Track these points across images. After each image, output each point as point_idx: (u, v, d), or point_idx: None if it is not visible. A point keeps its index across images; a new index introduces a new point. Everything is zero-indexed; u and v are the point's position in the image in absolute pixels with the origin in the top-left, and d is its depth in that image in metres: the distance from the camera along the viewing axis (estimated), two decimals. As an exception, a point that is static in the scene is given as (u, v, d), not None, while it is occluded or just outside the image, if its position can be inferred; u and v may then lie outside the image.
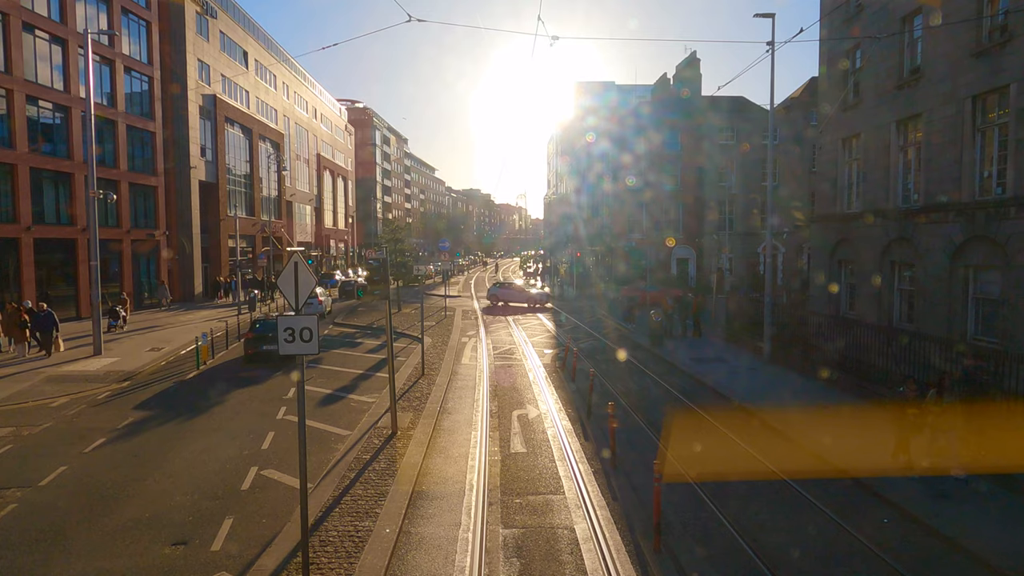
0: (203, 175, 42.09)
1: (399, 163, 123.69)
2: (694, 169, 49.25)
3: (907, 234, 17.55)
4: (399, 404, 14.34)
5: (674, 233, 50.15)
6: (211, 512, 8.78)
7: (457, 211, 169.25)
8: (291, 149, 61.21)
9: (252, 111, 50.76)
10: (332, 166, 75.70)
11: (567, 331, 27.50)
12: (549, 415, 13.76)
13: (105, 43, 32.37)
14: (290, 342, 6.34)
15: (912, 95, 17.41)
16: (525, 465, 10.69)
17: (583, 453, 11.26)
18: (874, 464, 9.97)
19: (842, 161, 21.44)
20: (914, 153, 17.77)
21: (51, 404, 15.10)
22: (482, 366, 19.44)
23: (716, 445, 11.48)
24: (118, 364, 19.93)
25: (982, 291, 15.19)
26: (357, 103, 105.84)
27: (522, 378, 17.77)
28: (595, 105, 60.14)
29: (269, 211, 54.77)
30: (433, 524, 8.40)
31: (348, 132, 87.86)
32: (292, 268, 6.42)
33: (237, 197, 47.90)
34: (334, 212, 77.67)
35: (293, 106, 62.45)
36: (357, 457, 10.80)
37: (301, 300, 6.46)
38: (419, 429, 12.49)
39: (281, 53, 59.96)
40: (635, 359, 20.62)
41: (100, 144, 32.90)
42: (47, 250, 29.01)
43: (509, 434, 12.41)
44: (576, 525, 8.35)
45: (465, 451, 11.36)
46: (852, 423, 12.70)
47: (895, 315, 18.52)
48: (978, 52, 14.96)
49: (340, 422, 13.29)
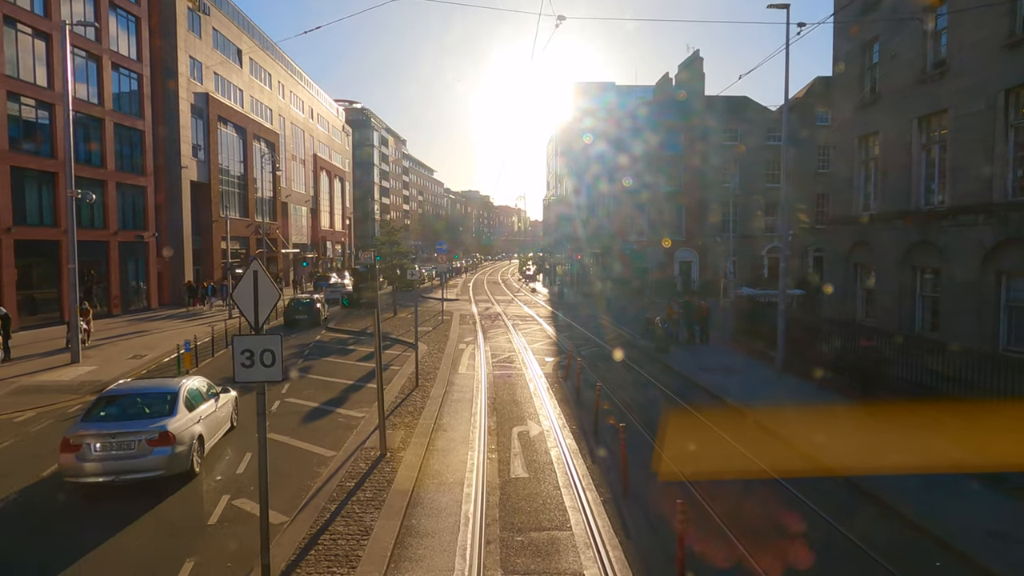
0: (195, 175, 41.05)
1: (397, 164, 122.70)
2: (695, 170, 48.28)
3: (931, 237, 16.55)
4: (390, 420, 13.31)
5: (675, 235, 49.19)
6: (170, 553, 7.74)
7: (456, 213, 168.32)
8: (287, 149, 60.19)
9: (246, 110, 49.75)
10: (329, 167, 74.67)
11: (568, 337, 26.46)
12: (552, 432, 12.74)
13: (91, 38, 31.34)
14: (248, 366, 5.31)
15: (936, 90, 16.41)
16: (527, 493, 9.66)
17: (590, 478, 10.23)
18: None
19: (859, 161, 20.44)
20: (938, 151, 16.77)
21: (16, 419, 14.05)
22: (480, 375, 18.41)
23: (725, 455, 10.47)
24: (95, 373, 18.87)
25: (1016, 298, 14.19)
26: (355, 104, 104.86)
27: (522, 389, 16.74)
28: (595, 106, 59.14)
29: (264, 212, 53.72)
30: (422, 570, 7.37)
31: (345, 133, 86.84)
32: (250, 278, 5.39)
33: (230, 198, 46.86)
34: (331, 213, 76.62)
35: (289, 106, 61.43)
36: (341, 484, 9.75)
37: (262, 316, 5.43)
38: (411, 450, 11.45)
39: (276, 52, 58.95)
40: (641, 368, 19.60)
41: (87, 143, 31.90)
42: (29, 252, 27.94)
43: (509, 455, 11.38)
44: (586, 571, 7.32)
45: (461, 476, 10.32)
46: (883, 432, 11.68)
47: (916, 322, 17.52)
48: (1011, 43, 13.96)
49: (325, 440, 12.25)
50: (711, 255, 48.64)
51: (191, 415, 10.43)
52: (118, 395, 10.65)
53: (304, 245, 65.96)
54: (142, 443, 9.41)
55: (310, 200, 67.54)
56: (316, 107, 71.93)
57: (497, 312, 36.62)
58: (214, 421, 11.45)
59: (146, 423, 9.72)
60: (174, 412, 10.08)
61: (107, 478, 9.29)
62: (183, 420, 10.09)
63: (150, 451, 9.40)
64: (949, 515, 8.46)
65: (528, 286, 58.78)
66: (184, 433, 9.93)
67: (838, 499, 9.36)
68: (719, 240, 48.31)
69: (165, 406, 10.20)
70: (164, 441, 9.50)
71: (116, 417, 9.94)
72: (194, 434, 10.24)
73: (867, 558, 7.49)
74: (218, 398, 11.92)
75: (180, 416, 10.09)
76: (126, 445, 9.37)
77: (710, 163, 47.90)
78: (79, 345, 20.21)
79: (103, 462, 9.25)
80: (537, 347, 23.89)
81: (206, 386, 11.77)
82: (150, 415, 10.01)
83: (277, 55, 59.28)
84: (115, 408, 10.17)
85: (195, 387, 11.23)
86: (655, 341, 22.32)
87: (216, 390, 12.07)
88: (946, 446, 10.73)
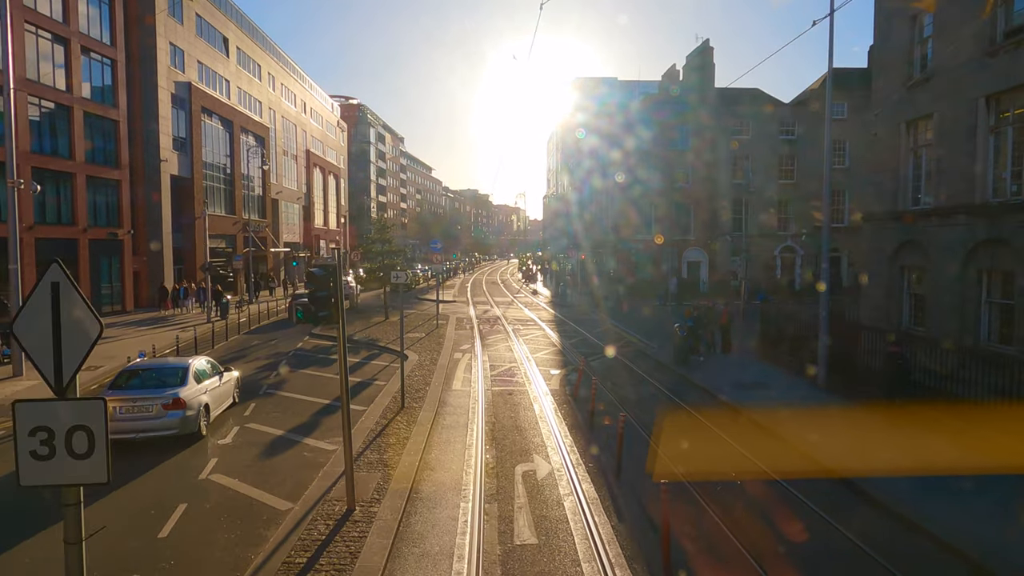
0: (176, 169, 38.61)
1: (394, 162, 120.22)
2: (704, 166, 45.89)
3: (1002, 235, 14.18)
4: (364, 457, 10.92)
5: (683, 234, 46.80)
6: (170, 496, 5.41)
7: (454, 211, 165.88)
8: (278, 144, 57.77)
9: (233, 102, 47.31)
10: (323, 163, 72.23)
11: (574, 344, 24.07)
12: (564, 473, 10.36)
13: (58, 19, 28.93)
14: (44, 458, 2.93)
15: (1012, 62, 14.04)
16: (536, 570, 7.29)
17: (618, 544, 7.86)
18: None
19: (906, 149, 18.07)
20: (1011, 135, 14.40)
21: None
22: (477, 392, 16.04)
23: (792, 509, 8.14)
24: (39, 388, 16.47)
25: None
26: (351, 100, 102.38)
27: (526, 411, 14.36)
28: (596, 102, 56.85)
29: (253, 209, 51.32)
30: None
31: (340, 128, 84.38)
32: (45, 294, 3.00)
33: (215, 194, 44.43)
34: (325, 211, 74.22)
35: (280, 99, 58.97)
36: (289, 560, 7.35)
37: (70, 367, 3.04)
38: (387, 501, 9.07)
39: (267, 42, 56.53)
40: (660, 383, 17.22)
41: (52, 132, 29.50)
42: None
43: (512, 508, 9.00)
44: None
45: (450, 542, 7.95)
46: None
47: (982, 332, 15.15)
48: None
49: (283, 486, 9.85)
50: (721, 255, 46.28)
51: (199, 387, 12.28)
52: (139, 369, 12.66)
53: (296, 244, 63.55)
54: (158, 407, 11.26)
55: (302, 197, 65.13)
56: (309, 101, 69.48)
57: (496, 315, 34.24)
58: (218, 394, 13.28)
59: (162, 391, 11.51)
60: (185, 383, 11.91)
61: (129, 436, 11.06)
62: (192, 390, 11.93)
63: (165, 414, 11.26)
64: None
65: (528, 287, 56.39)
66: (193, 400, 11.78)
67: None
68: (729, 239, 45.98)
69: (177, 378, 12.01)
70: (177, 406, 11.38)
71: (137, 386, 11.84)
72: (201, 402, 12.09)
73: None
74: (222, 375, 13.73)
75: (190, 387, 11.92)
76: (145, 408, 11.26)
77: (720, 159, 45.56)
78: (21, 356, 17.81)
79: (126, 422, 11.08)
80: (541, 356, 21.51)
81: (211, 365, 13.62)
82: (165, 385, 11.75)
83: (268, 45, 56.85)
84: (136, 379, 12.11)
85: (202, 364, 13.14)
86: (674, 351, 19.96)
87: (220, 369, 13.91)
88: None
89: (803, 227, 46.05)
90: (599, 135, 50.68)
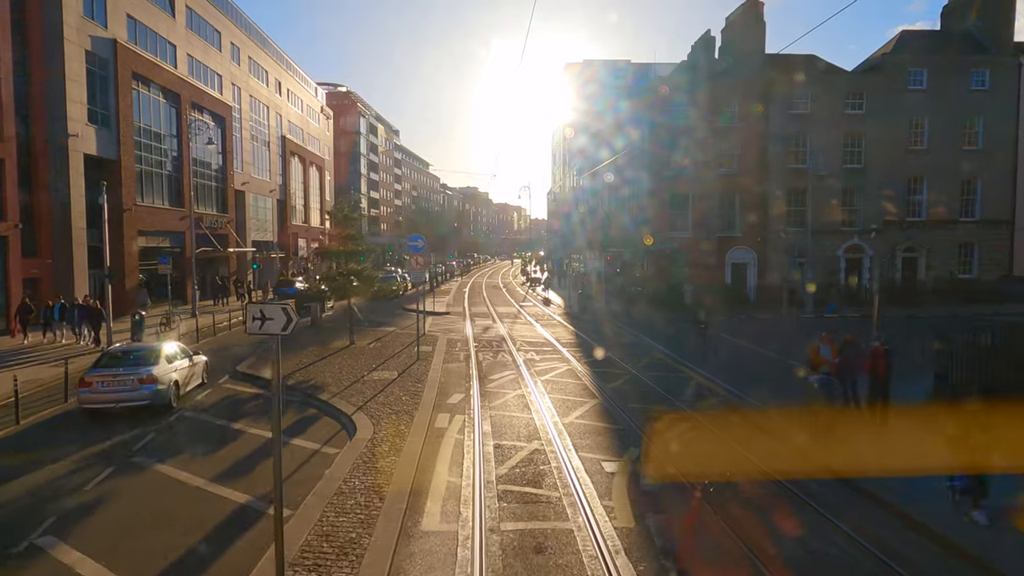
0: (92, 147, 30.35)
1: (388, 156, 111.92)
2: (754, 150, 37.60)
3: None
4: None
5: (730, 231, 38.43)
6: None
7: (452, 209, 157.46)
8: (244, 127, 49.51)
9: (182, 72, 39.01)
10: (303, 152, 63.97)
11: (625, 396, 15.71)
12: None
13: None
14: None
15: None
16: None
17: None
18: None
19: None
20: None
21: None
22: (474, 542, 7.81)
23: None
24: None
25: None
26: (339, 87, 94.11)
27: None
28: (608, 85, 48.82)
29: (209, 202, 43.09)
30: None
31: (325, 115, 76.12)
32: None
33: (154, 181, 36.14)
34: (306, 207, 65.99)
35: (247, 74, 50.70)
36: None
37: None
38: None
39: (230, 5, 48.21)
40: (819, 503, 8.97)
41: None
42: None
43: None
44: None
45: None
46: None
47: None
48: None
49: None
50: (774, 256, 37.97)
51: (170, 366, 14.49)
52: (118, 352, 14.93)
53: (269, 243, 55.34)
54: (134, 381, 13.50)
55: (276, 190, 56.87)
56: (286, 81, 61.20)
57: (501, 336, 25.89)
58: (187, 374, 15.47)
59: (138, 368, 13.77)
60: (157, 362, 14.14)
61: (109, 405, 13.46)
62: (164, 368, 14.17)
63: (140, 387, 13.50)
64: None
65: (537, 293, 48.01)
66: (164, 376, 14.04)
67: None
68: (783, 236, 37.70)
69: (151, 358, 14.22)
70: (150, 380, 13.65)
71: (116, 365, 13.98)
72: (171, 379, 14.35)
73: None
74: (192, 359, 15.87)
75: (161, 366, 14.15)
76: (124, 382, 13.49)
77: (772, 140, 37.32)
78: None
79: (107, 393, 13.44)
80: (578, 424, 13.18)
81: (182, 349, 15.75)
82: (140, 364, 13.96)
83: (232, 11, 48.57)
84: (115, 360, 14.25)
85: (173, 348, 15.32)
86: (816, 419, 11.66)
87: (190, 352, 16.06)
88: None
89: (872, 221, 37.75)
90: (612, 121, 42.68)
